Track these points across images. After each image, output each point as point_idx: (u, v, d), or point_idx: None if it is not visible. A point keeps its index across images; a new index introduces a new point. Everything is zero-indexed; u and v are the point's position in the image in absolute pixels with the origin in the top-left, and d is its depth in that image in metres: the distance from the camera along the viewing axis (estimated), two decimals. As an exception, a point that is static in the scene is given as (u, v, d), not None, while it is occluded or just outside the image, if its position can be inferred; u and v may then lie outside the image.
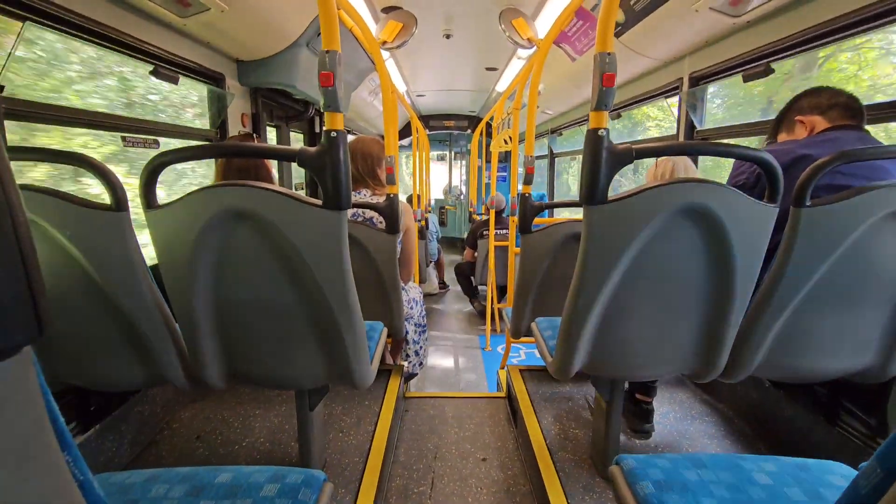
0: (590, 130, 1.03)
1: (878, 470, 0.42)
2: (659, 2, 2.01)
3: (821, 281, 1.12)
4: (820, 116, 1.34)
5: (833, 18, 1.58)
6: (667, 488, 0.86)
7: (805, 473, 0.91)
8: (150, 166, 1.03)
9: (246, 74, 2.67)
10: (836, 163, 1.02)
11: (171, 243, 1.06)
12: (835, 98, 1.33)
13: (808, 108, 1.37)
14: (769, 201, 1.07)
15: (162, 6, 1.77)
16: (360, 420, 1.86)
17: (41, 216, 1.04)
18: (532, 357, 3.76)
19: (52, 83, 1.77)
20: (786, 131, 1.44)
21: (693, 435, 1.78)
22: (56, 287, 1.12)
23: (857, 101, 1.31)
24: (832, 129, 1.31)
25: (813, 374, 1.29)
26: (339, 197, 1.00)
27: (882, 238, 1.09)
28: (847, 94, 1.32)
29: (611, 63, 0.99)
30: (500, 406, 2.25)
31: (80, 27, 1.55)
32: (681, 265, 1.13)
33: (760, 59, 1.94)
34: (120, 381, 1.29)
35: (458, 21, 3.33)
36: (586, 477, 1.54)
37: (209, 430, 1.79)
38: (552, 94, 4.45)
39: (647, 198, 1.05)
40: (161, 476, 0.90)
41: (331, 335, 1.16)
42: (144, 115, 2.26)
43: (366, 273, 1.89)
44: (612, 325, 1.20)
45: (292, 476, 0.91)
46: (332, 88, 0.96)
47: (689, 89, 2.44)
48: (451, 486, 1.69)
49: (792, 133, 1.41)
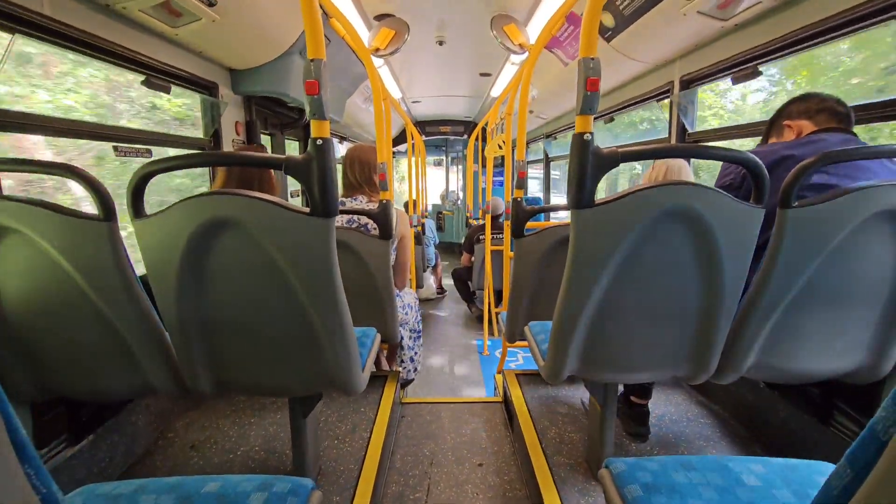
0: (576, 135, 1.03)
1: (847, 470, 0.42)
2: (648, 6, 2.03)
3: (809, 281, 1.12)
4: (807, 121, 1.36)
5: (819, 20, 1.59)
6: (655, 491, 0.86)
7: (793, 474, 0.90)
8: (138, 176, 1.03)
9: (239, 83, 2.68)
10: (819, 164, 1.02)
11: (159, 253, 1.06)
12: (823, 103, 1.35)
13: (796, 113, 1.39)
14: (755, 202, 1.08)
15: (153, 17, 1.78)
16: (355, 427, 1.86)
17: (29, 226, 1.04)
18: (529, 361, 3.75)
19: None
20: (775, 135, 1.46)
21: (688, 437, 1.78)
22: (44, 298, 1.12)
23: (845, 106, 1.33)
24: (818, 131, 1.33)
25: (804, 375, 1.29)
26: (327, 204, 1.01)
27: (869, 238, 1.10)
28: (835, 99, 1.35)
29: (595, 68, 1.00)
30: (497, 410, 2.25)
31: (70, 38, 1.56)
32: (669, 267, 1.13)
33: (749, 61, 1.96)
34: (110, 392, 1.29)
35: (450, 27, 3.35)
36: (582, 480, 1.54)
37: (204, 439, 1.78)
38: (547, 99, 4.47)
39: (635, 201, 1.05)
40: (148, 486, 0.90)
41: (321, 342, 1.15)
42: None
43: (359, 279, 1.89)
44: (603, 328, 1.20)
45: (280, 484, 0.90)
46: (318, 97, 0.97)
47: (679, 92, 2.45)
48: (447, 492, 1.68)
49: (781, 137, 1.43)
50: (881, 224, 1.09)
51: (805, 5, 1.66)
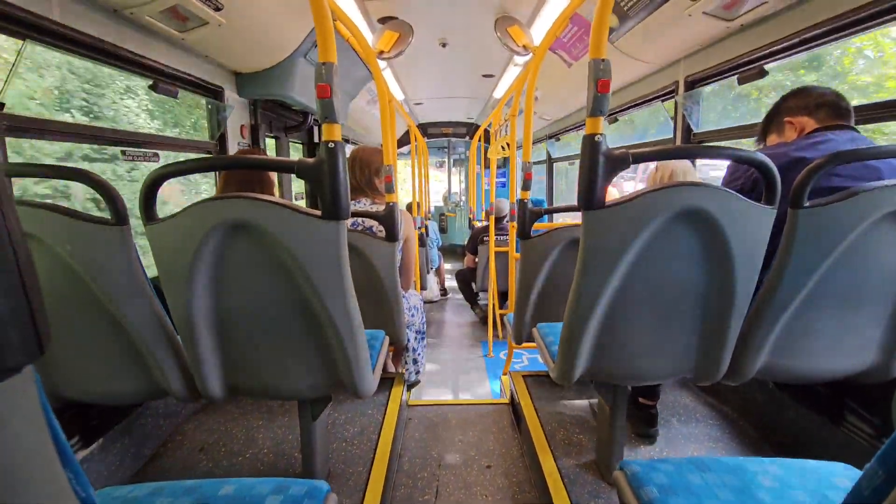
0: (586, 136, 1.03)
1: (879, 472, 0.42)
2: (652, 7, 2.03)
3: (821, 282, 1.12)
4: (809, 117, 1.34)
5: (826, 20, 1.59)
6: (672, 492, 0.85)
7: (810, 475, 0.90)
8: (150, 180, 1.04)
9: (245, 86, 2.69)
10: (830, 164, 1.02)
11: (171, 256, 1.07)
12: (822, 98, 1.33)
13: (796, 109, 1.37)
14: (766, 204, 1.08)
15: (160, 22, 1.79)
16: (363, 429, 1.86)
17: (41, 231, 1.04)
18: (535, 363, 3.75)
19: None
20: (775, 133, 1.44)
21: (698, 438, 1.77)
22: (57, 302, 1.12)
23: (845, 100, 1.31)
24: (823, 129, 1.31)
25: (815, 375, 1.29)
26: (338, 207, 1.01)
27: (880, 238, 1.09)
28: (834, 93, 1.32)
29: (605, 69, 1.00)
30: (504, 412, 2.25)
31: (80, 43, 1.57)
32: (680, 268, 1.13)
33: (755, 61, 1.96)
34: (122, 396, 1.29)
35: (453, 30, 3.36)
36: (592, 483, 1.53)
37: (212, 442, 1.79)
38: (550, 100, 4.47)
39: (645, 202, 1.05)
40: (164, 489, 0.90)
41: (332, 345, 1.16)
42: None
43: (366, 282, 1.89)
44: (613, 330, 1.20)
45: (295, 487, 0.91)
46: (329, 100, 0.97)
47: (685, 92, 2.45)
48: (455, 494, 1.68)
49: (782, 135, 1.41)
50: (891, 224, 1.09)
51: (810, 5, 1.66)
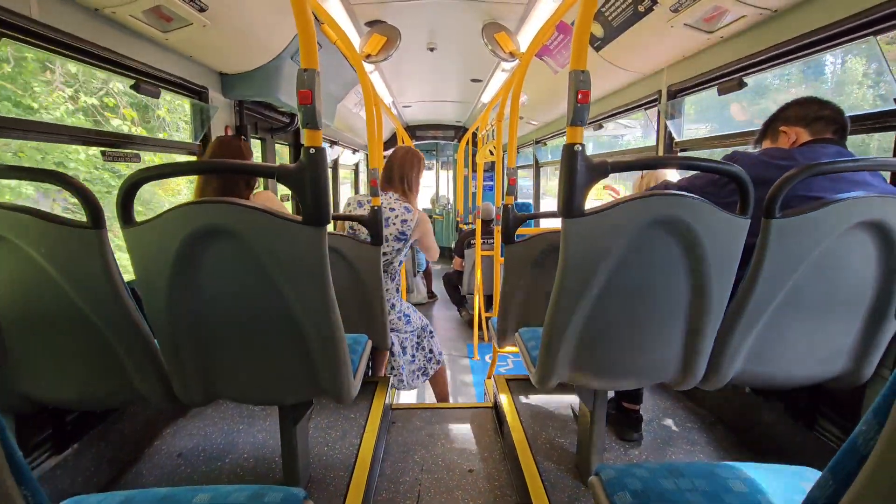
0: (566, 145, 1.05)
1: (830, 481, 0.43)
2: (636, 18, 2.06)
3: (793, 290, 1.15)
4: (804, 128, 1.35)
5: (802, 34, 1.63)
6: (644, 498, 0.87)
7: (779, 480, 0.92)
8: (128, 183, 1.02)
9: (230, 87, 2.66)
10: (801, 176, 1.05)
11: (149, 260, 1.05)
12: (821, 111, 1.33)
13: (794, 119, 1.37)
14: (740, 213, 1.10)
15: (143, 21, 1.77)
16: (345, 434, 1.85)
17: (15, 234, 1.02)
18: (520, 366, 3.77)
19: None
20: (770, 139, 1.45)
21: (676, 441, 1.80)
22: (31, 306, 1.10)
23: (843, 115, 1.32)
24: (812, 142, 1.32)
25: (789, 381, 1.32)
26: (320, 213, 1.01)
27: (850, 248, 1.13)
28: (833, 106, 1.33)
29: (585, 80, 1.02)
30: (488, 416, 2.25)
31: (59, 43, 1.54)
32: (658, 276, 1.15)
33: (734, 73, 2.00)
34: (97, 401, 1.27)
35: (441, 34, 3.38)
36: (571, 486, 1.55)
37: (191, 447, 1.76)
38: (536, 106, 4.51)
39: (624, 210, 1.07)
40: (136, 498, 0.89)
41: (313, 350, 1.15)
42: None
43: (349, 285, 1.89)
44: (593, 336, 1.22)
45: (272, 494, 0.90)
46: (312, 106, 0.97)
47: (667, 101, 2.50)
48: (437, 498, 1.68)
49: (776, 142, 1.42)
50: (862, 234, 1.12)
51: (787, 20, 1.70)
